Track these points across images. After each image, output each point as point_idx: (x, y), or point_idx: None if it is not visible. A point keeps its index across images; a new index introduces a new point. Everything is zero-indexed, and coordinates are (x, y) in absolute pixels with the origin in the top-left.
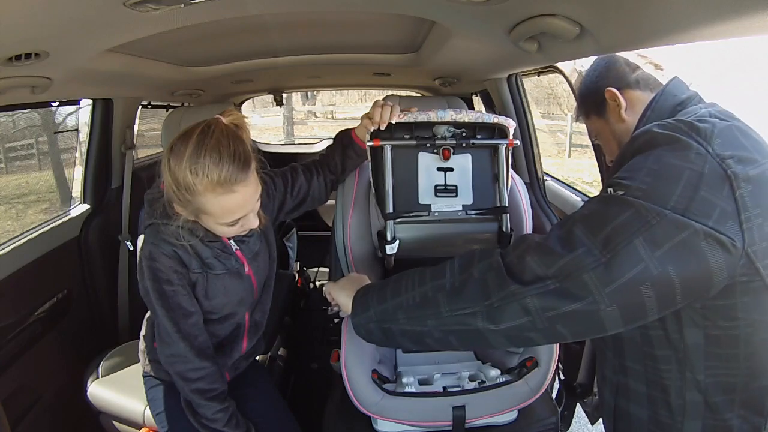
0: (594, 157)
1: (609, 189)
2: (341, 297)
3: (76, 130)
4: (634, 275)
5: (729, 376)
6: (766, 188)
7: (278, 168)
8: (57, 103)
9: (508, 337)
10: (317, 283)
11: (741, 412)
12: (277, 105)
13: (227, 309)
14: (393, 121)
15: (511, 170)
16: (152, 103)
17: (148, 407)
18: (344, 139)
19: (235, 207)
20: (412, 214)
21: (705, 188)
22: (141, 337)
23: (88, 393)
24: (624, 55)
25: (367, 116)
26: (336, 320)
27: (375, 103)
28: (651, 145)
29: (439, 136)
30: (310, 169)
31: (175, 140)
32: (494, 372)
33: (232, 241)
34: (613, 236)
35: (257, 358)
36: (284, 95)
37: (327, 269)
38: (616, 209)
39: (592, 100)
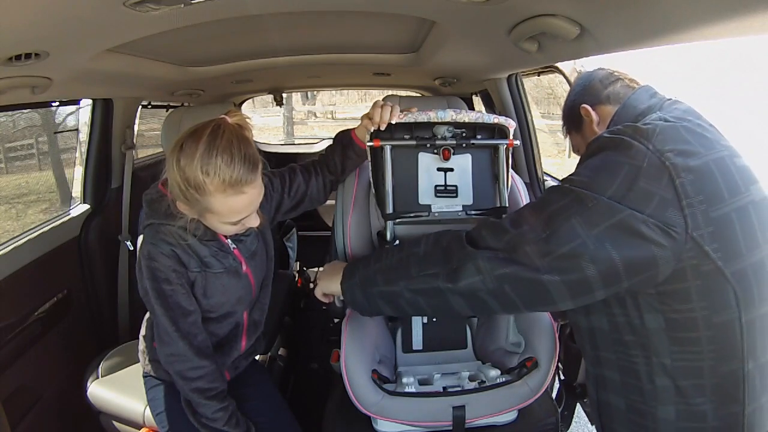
0: None
1: (560, 183)
2: (330, 285)
3: (76, 130)
4: (571, 248)
5: (694, 360)
6: (708, 178)
7: (278, 168)
8: (57, 103)
9: (464, 297)
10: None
11: (713, 398)
12: (277, 105)
13: (226, 308)
14: (393, 122)
15: (511, 170)
16: (152, 103)
17: (148, 407)
18: (344, 139)
19: (242, 207)
20: (412, 215)
21: (644, 180)
22: (141, 338)
23: (88, 393)
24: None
25: (367, 116)
26: (336, 320)
27: (375, 104)
28: (599, 148)
29: (439, 137)
30: (309, 170)
31: (184, 139)
32: (494, 372)
33: (229, 240)
34: (554, 216)
35: (257, 358)
36: (284, 95)
37: None
38: (559, 195)
39: (571, 118)
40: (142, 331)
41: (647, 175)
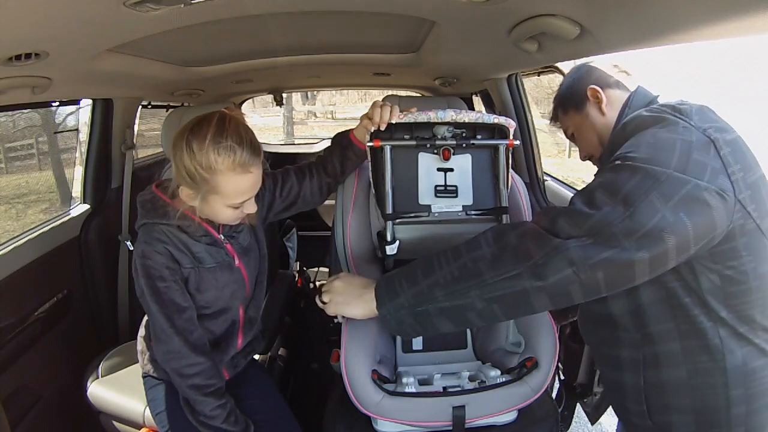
0: None
1: (616, 161)
2: (354, 309)
3: (76, 130)
4: (655, 223)
5: (747, 309)
6: (740, 150)
7: (278, 167)
8: (57, 103)
9: (551, 294)
10: (317, 283)
11: (765, 337)
12: (277, 105)
13: (220, 303)
14: (393, 121)
15: (511, 170)
16: (152, 103)
17: (148, 407)
18: (343, 140)
19: (247, 188)
20: (412, 215)
21: (696, 152)
22: (139, 338)
23: (88, 393)
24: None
25: (367, 117)
26: (336, 320)
27: (374, 104)
28: (643, 126)
29: (439, 137)
30: (303, 172)
31: (192, 125)
32: (494, 372)
33: (222, 236)
34: (631, 194)
35: (257, 357)
36: (284, 95)
37: (327, 269)
38: (628, 174)
39: (573, 98)
40: (141, 332)
41: (698, 148)
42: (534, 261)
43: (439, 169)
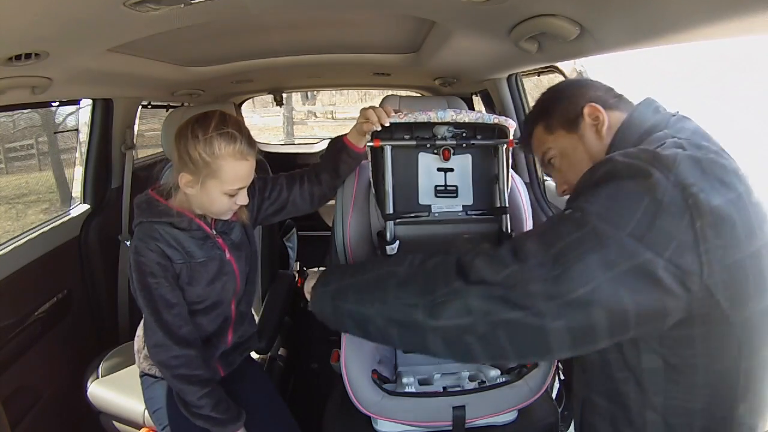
0: None
1: (567, 210)
2: (310, 283)
3: (76, 130)
4: (585, 293)
5: (688, 402)
6: (727, 219)
7: (278, 167)
8: (57, 103)
9: (446, 339)
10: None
11: None
12: (277, 105)
13: (212, 296)
14: (386, 123)
15: (511, 170)
16: (152, 103)
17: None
18: (337, 144)
19: (244, 174)
20: (412, 215)
21: (663, 218)
22: (136, 338)
23: (88, 393)
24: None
25: (363, 118)
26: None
27: (363, 110)
28: (612, 174)
29: (439, 137)
30: (294, 178)
31: (197, 116)
32: (494, 372)
33: (214, 231)
34: (566, 251)
35: (256, 357)
36: (284, 95)
37: None
38: (572, 227)
39: (564, 115)
40: (138, 332)
41: (668, 213)
42: (434, 297)
43: (439, 169)
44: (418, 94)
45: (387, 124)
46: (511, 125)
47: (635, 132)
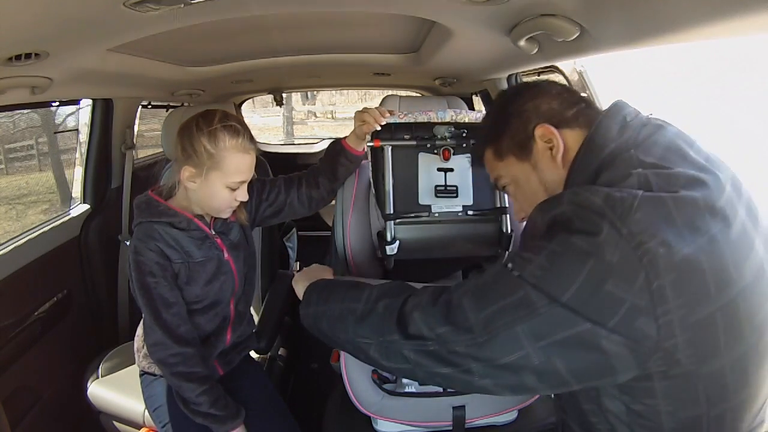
0: None
1: (509, 264)
2: (298, 286)
3: (76, 130)
4: (511, 360)
5: None
6: (694, 273)
7: (278, 167)
8: (57, 103)
9: (398, 371)
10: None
11: None
12: (277, 105)
13: (211, 296)
14: (382, 122)
15: None
16: (152, 103)
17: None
18: (335, 147)
19: (245, 168)
20: (412, 215)
21: (612, 282)
22: (137, 337)
23: (88, 393)
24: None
25: (360, 120)
26: None
27: (357, 114)
28: (559, 224)
29: (439, 137)
30: (293, 181)
31: (201, 112)
32: None
33: (213, 231)
34: (496, 317)
35: (255, 357)
36: (284, 95)
37: None
38: (506, 289)
39: (514, 137)
40: (138, 331)
41: (618, 275)
42: (383, 339)
43: (439, 169)
44: (418, 94)
45: (384, 123)
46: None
47: (596, 157)
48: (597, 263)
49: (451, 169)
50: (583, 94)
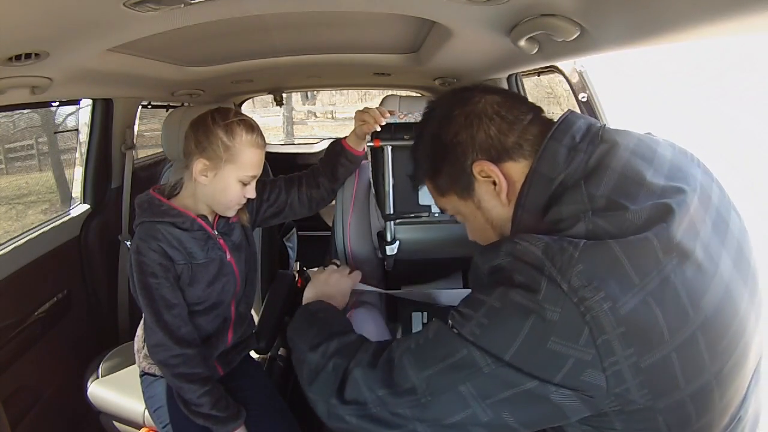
0: None
1: (449, 320)
2: (305, 294)
3: (76, 130)
4: (459, 420)
5: None
6: (643, 322)
7: (278, 167)
8: (57, 103)
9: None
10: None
11: None
12: (277, 105)
13: (212, 297)
14: (382, 123)
15: None
16: (152, 103)
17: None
18: (335, 147)
19: (258, 162)
20: (411, 215)
21: (554, 338)
22: (137, 337)
23: (88, 393)
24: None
25: (360, 121)
26: None
27: (358, 114)
28: (500, 277)
29: None
30: (293, 181)
31: (215, 108)
32: None
33: (216, 231)
34: (438, 378)
35: (255, 357)
36: (284, 95)
37: None
38: (447, 349)
39: (452, 175)
40: (138, 331)
41: (560, 333)
42: (327, 399)
43: None
44: (418, 94)
45: (384, 123)
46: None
47: (543, 192)
48: (537, 321)
49: None
50: (526, 101)
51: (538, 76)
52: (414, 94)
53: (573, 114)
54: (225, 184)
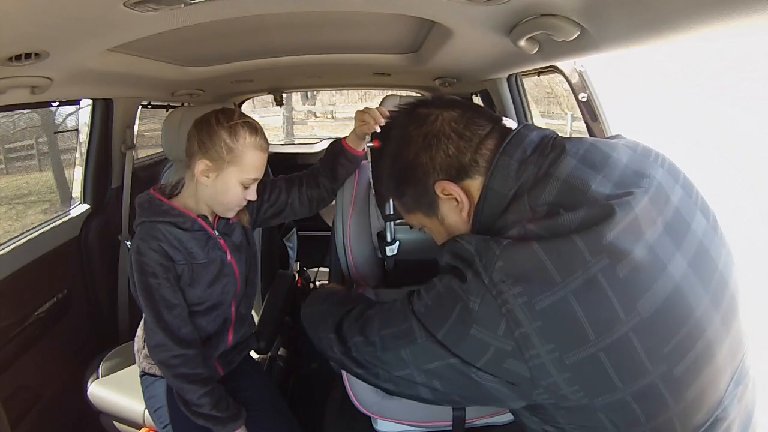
0: None
1: (413, 295)
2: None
3: (76, 130)
4: (403, 375)
5: None
6: (564, 319)
7: (278, 167)
8: (57, 103)
9: (332, 360)
10: (317, 283)
11: None
12: (277, 105)
13: (213, 298)
14: (382, 123)
15: None
16: (152, 103)
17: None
18: (335, 147)
19: (260, 164)
20: None
21: (476, 327)
22: (137, 338)
23: (88, 393)
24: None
25: (360, 121)
26: None
27: (358, 114)
28: (446, 265)
29: None
30: (293, 182)
31: (218, 109)
32: None
33: (216, 232)
34: (388, 340)
35: (256, 357)
36: (284, 95)
37: (327, 269)
38: (399, 318)
39: (416, 197)
40: (138, 331)
41: (480, 322)
42: (323, 335)
43: None
44: (418, 94)
45: (383, 124)
46: (512, 125)
47: (496, 208)
48: (463, 308)
49: None
50: (485, 112)
51: (538, 76)
52: (414, 94)
53: (526, 127)
54: (226, 185)
